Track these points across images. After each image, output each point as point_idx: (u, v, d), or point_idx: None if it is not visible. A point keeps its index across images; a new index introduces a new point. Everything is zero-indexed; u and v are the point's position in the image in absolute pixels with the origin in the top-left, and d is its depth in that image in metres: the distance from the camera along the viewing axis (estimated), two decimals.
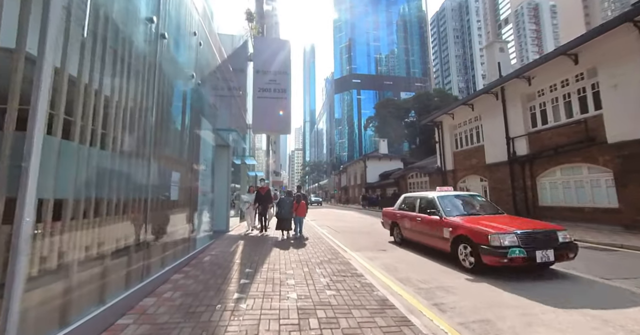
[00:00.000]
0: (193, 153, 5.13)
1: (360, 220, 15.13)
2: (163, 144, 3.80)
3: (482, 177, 15.07)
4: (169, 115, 4.08)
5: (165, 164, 3.94)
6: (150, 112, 3.44)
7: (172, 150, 4.16)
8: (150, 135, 3.45)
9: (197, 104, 5.36)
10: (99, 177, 2.54)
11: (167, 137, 3.99)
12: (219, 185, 8.61)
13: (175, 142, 4.30)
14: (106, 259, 2.61)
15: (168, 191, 4.01)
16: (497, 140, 13.45)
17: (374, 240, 8.66)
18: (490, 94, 13.53)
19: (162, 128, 3.76)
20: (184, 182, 4.63)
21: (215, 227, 8.24)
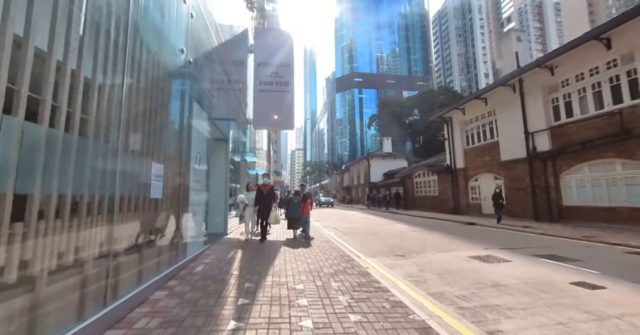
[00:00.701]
0: (183, 143, 4.30)
1: (367, 221, 14.30)
2: (138, 128, 2.98)
3: (496, 176, 14.22)
4: (149, 93, 3.26)
5: (143, 154, 3.11)
6: (119, 84, 2.62)
7: (152, 136, 3.33)
8: (120, 115, 2.63)
9: (188, 86, 4.54)
10: (45, 165, 1.72)
11: (146, 120, 3.17)
12: (216, 183, 7.80)
13: (157, 127, 3.47)
14: (42, 282, 1.78)
15: (147, 187, 3.19)
16: (514, 136, 12.60)
17: (387, 243, 7.82)
18: (506, 87, 12.68)
19: (136, 107, 2.93)
20: (170, 177, 3.80)
21: (212, 230, 7.42)
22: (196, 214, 5.06)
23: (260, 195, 7.21)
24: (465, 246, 7.30)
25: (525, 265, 5.25)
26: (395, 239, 8.54)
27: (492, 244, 7.53)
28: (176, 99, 4.11)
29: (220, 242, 6.82)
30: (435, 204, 19.76)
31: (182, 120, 4.30)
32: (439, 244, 7.62)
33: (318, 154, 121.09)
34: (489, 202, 14.72)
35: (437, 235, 9.26)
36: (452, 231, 10.27)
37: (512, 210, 12.86)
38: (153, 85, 3.35)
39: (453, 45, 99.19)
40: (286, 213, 8.51)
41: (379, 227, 11.60)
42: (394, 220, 14.97)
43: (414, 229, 11.18)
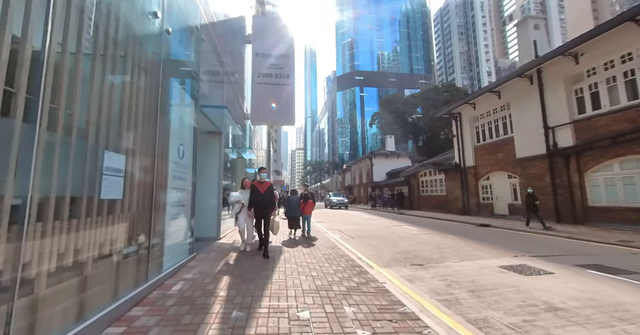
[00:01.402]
0: (157, 131, 3.44)
1: (373, 223, 13.43)
2: (77, 100, 2.12)
3: (510, 174, 13.34)
4: (99, 57, 2.40)
5: (88, 138, 2.25)
6: (43, 37, 1.76)
7: (106, 116, 2.47)
8: (44, 80, 1.77)
9: (163, 60, 3.67)
10: None
11: (94, 92, 2.31)
12: (208, 181, 6.94)
13: (113, 104, 2.61)
14: None
15: (96, 185, 2.33)
16: (532, 131, 11.71)
17: (400, 249, 6.96)
18: (523, 78, 11.79)
19: (73, 72, 2.07)
20: (136, 173, 2.94)
21: (202, 234, 6.58)
22: (177, 218, 4.20)
23: (256, 196, 5.44)
24: (490, 252, 6.44)
25: (574, 279, 4.38)
26: (408, 244, 7.68)
27: (518, 249, 6.66)
28: (147, 74, 3.25)
29: (210, 249, 5.95)
30: (442, 204, 18.89)
31: (155, 101, 3.44)
32: (458, 250, 6.76)
33: (318, 154, 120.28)
34: (502, 202, 13.86)
35: (452, 239, 8.39)
36: (467, 234, 9.41)
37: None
38: (105, 48, 2.48)
39: (455, 43, 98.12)
40: (286, 212, 8.32)
41: (387, 230, 10.74)
42: (401, 221, 14.10)
43: (425, 231, 10.31)
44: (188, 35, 4.91)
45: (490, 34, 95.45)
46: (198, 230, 6.41)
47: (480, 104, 15.10)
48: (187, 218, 4.62)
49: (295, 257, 5.54)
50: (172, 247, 3.99)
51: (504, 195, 13.78)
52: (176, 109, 4.14)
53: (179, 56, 4.46)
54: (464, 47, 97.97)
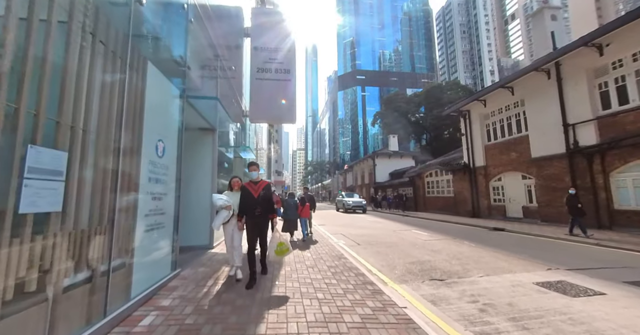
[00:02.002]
0: (123, 122, 2.72)
1: (378, 226, 12.69)
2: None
3: (525, 174, 12.57)
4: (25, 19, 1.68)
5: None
6: None
7: (37, 100, 1.75)
8: None
9: (135, 36, 2.96)
10: None
11: (16, 65, 1.59)
12: (199, 182, 6.23)
13: (47, 82, 1.89)
14: None
15: (10, 192, 1.61)
16: (549, 129, 10.95)
17: (413, 259, 6.22)
18: (539, 72, 11.03)
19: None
20: (87, 175, 2.23)
21: (192, 242, 5.87)
22: (154, 228, 3.48)
23: (249, 200, 3.95)
24: (517, 264, 5.69)
25: (635, 302, 3.63)
26: (422, 252, 6.94)
27: (548, 260, 5.92)
28: (107, 49, 2.53)
29: (200, 261, 5.21)
30: (449, 205, 18.13)
31: (121, 84, 2.72)
32: (480, 261, 6.02)
33: (319, 154, 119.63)
34: (515, 205, 13.11)
35: (469, 247, 7.65)
36: (484, 240, 8.66)
37: (545, 214, 11.22)
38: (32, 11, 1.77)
39: (457, 41, 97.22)
40: (283, 215, 8.18)
41: (396, 235, 10.00)
42: (408, 224, 13.35)
43: (436, 236, 9.57)
44: (171, 12, 4.20)
45: (492, 32, 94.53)
46: (187, 239, 5.70)
47: (492, 101, 14.34)
48: (169, 228, 3.90)
49: (297, 271, 4.81)
50: (146, 266, 3.27)
51: (517, 197, 13.02)
52: (154, 97, 3.42)
53: (156, 36, 3.75)
54: (466, 46, 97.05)
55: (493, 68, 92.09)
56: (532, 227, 10.66)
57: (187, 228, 5.73)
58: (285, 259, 5.75)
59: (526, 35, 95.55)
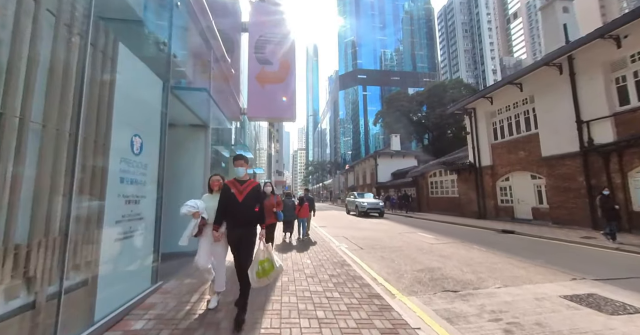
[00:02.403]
0: (82, 111, 2.26)
1: (382, 228, 12.21)
2: None
3: (534, 174, 12.06)
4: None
5: None
6: None
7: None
8: None
9: (100, 11, 2.50)
10: None
11: None
12: (190, 183, 5.77)
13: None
14: None
15: None
16: (561, 126, 10.44)
17: (422, 265, 5.74)
18: (551, 67, 10.52)
19: None
20: (22, 175, 1.77)
21: (181, 248, 5.38)
22: (130, 236, 3.02)
23: (230, 205, 2.99)
24: (536, 272, 5.20)
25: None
26: (430, 258, 6.46)
27: (570, 268, 5.42)
28: (59, 21, 2.07)
29: (187, 271, 4.73)
30: (454, 206, 17.61)
31: (80, 66, 2.26)
32: (494, 268, 5.53)
33: (321, 154, 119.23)
34: (524, 206, 12.60)
35: (480, 251, 7.16)
36: (494, 244, 8.16)
37: (557, 216, 10.71)
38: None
39: (459, 41, 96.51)
40: None
41: (400, 238, 9.51)
42: (412, 226, 12.85)
43: (443, 239, 9.08)
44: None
45: (495, 31, 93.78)
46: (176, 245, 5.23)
47: (499, 98, 13.83)
48: (149, 235, 3.44)
49: (295, 281, 4.33)
50: (118, 281, 2.80)
51: (526, 197, 12.51)
52: (128, 86, 2.96)
53: (132, 15, 3.29)
54: (468, 45, 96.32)
55: (495, 67, 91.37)
56: (543, 230, 10.16)
57: (176, 233, 5.26)
58: (283, 266, 5.28)
59: (529, 33, 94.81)
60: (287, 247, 7.33)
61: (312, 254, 6.40)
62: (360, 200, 18.42)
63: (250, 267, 2.85)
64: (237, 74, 11.37)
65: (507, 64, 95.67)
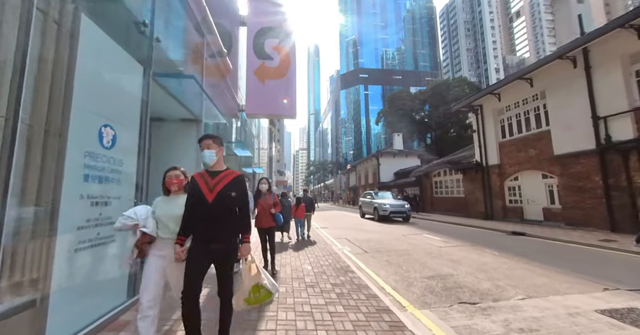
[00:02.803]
0: (29, 93, 1.80)
1: (386, 230, 11.73)
2: None
3: (545, 173, 11.53)
4: None
5: None
6: None
7: None
8: None
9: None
10: None
11: None
12: None
13: None
14: None
15: None
16: (575, 123, 9.93)
17: (432, 272, 5.26)
18: (564, 60, 10.00)
19: None
20: None
21: None
22: (98, 244, 2.56)
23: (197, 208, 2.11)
24: (560, 280, 4.70)
25: None
26: (440, 263, 5.98)
27: (595, 275, 4.92)
28: None
29: None
30: (459, 206, 17.10)
31: (22, 38, 1.80)
32: (512, 275, 5.04)
33: (322, 154, 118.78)
34: (534, 206, 12.08)
35: (494, 256, 6.66)
36: (505, 247, 7.67)
37: (571, 217, 10.19)
38: None
39: (462, 39, 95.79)
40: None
41: (406, 240, 9.04)
42: (417, 227, 12.36)
43: (452, 242, 8.59)
44: None
45: (497, 30, 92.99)
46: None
47: (507, 94, 13.31)
48: (122, 241, 2.98)
49: (294, 292, 3.87)
50: (80, 298, 2.34)
51: (537, 198, 11.99)
52: (94, 67, 2.51)
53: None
54: (470, 44, 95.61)
55: (498, 66, 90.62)
56: (556, 232, 9.65)
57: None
58: (281, 274, 4.83)
59: (532, 32, 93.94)
60: (286, 251, 6.88)
61: (314, 259, 5.93)
62: (380, 202, 14.87)
63: (236, 295, 2.17)
64: (235, 69, 10.92)
65: (510, 62, 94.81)
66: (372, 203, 15.80)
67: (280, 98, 10.91)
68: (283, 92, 10.96)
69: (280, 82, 11.07)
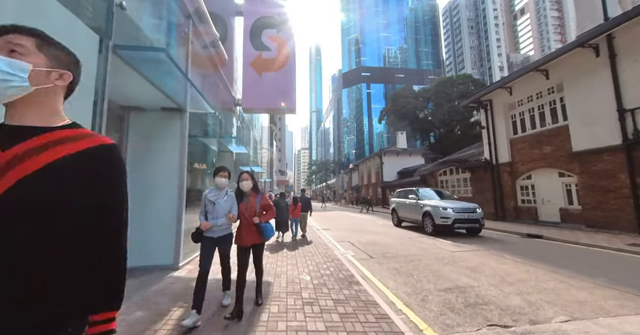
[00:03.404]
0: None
1: (391, 232, 11.02)
2: None
3: (563, 172, 10.78)
4: None
5: None
6: None
7: None
8: None
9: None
10: None
11: None
12: (161, 180, 4.67)
13: None
14: None
15: None
16: (598, 116, 9.18)
17: (449, 282, 4.56)
18: (585, 49, 9.24)
19: None
20: None
21: (147, 261, 4.32)
22: None
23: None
24: (604, 295, 3.98)
25: None
26: (455, 271, 5.28)
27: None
28: None
29: (147, 295, 3.60)
30: None
31: None
32: (545, 288, 4.34)
33: (324, 153, 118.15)
34: (550, 207, 11.33)
35: (514, 262, 5.95)
36: (525, 251, 6.95)
37: (592, 218, 9.44)
38: None
39: (465, 37, 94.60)
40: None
41: (413, 244, 8.34)
42: (424, 229, 11.64)
43: (464, 246, 7.88)
44: None
45: (502, 27, 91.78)
46: (140, 257, 4.13)
47: (520, 88, 12.55)
48: None
49: (288, 313, 3.19)
50: None
51: (553, 197, 11.24)
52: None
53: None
54: (474, 42, 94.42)
55: (502, 64, 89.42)
56: (577, 234, 8.90)
57: (141, 241, 4.18)
58: (274, 288, 4.14)
59: (537, 29, 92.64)
60: (283, 256, 6.20)
61: (313, 267, 5.26)
62: (435, 204, 9.67)
63: None
64: (231, 61, 10.27)
65: (514, 60, 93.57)
66: (417, 205, 10.35)
67: (279, 91, 10.24)
68: (282, 85, 10.29)
69: (279, 74, 10.40)
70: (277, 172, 48.61)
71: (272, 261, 5.64)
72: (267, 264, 5.39)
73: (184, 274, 4.50)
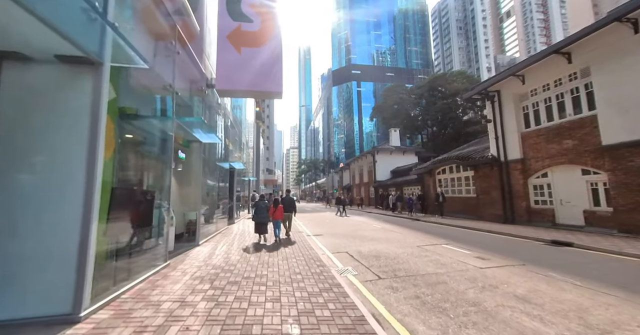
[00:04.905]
0: None
1: (394, 238, 9.44)
2: None
3: (588, 168, 9.49)
4: None
5: None
6: None
7: None
8: None
9: None
10: None
11: None
12: (52, 178, 2.83)
13: None
14: None
15: None
16: (636, 104, 7.88)
17: (512, 329, 2.96)
18: (622, 24, 7.92)
19: None
20: None
21: (24, 311, 2.42)
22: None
23: None
24: None
25: None
26: (507, 304, 3.66)
27: None
28: None
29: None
30: (470, 208, 15.04)
31: None
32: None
33: (313, 153, 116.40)
34: (571, 208, 10.03)
35: (577, 288, 4.38)
36: (573, 268, 5.44)
37: (628, 222, 8.15)
38: None
39: (454, 38, 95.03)
40: (254, 217, 8.06)
41: (426, 254, 6.75)
42: (428, 233, 10.14)
43: (489, 258, 6.33)
44: None
45: (490, 28, 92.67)
46: (7, 303, 2.29)
47: (534, 75, 11.24)
48: None
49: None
50: None
51: (574, 198, 9.95)
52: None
53: None
54: (462, 42, 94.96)
55: (490, 65, 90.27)
56: (615, 242, 7.56)
57: (11, 275, 2.35)
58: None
59: (523, 31, 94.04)
60: (259, 282, 4.42)
61: (303, 303, 3.52)
62: None
63: None
64: (202, 33, 8.40)
65: (501, 62, 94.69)
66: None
67: (261, 70, 8.47)
68: (265, 63, 8.52)
69: (262, 50, 8.63)
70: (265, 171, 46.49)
71: (240, 295, 3.87)
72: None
73: (90, 329, 2.67)
